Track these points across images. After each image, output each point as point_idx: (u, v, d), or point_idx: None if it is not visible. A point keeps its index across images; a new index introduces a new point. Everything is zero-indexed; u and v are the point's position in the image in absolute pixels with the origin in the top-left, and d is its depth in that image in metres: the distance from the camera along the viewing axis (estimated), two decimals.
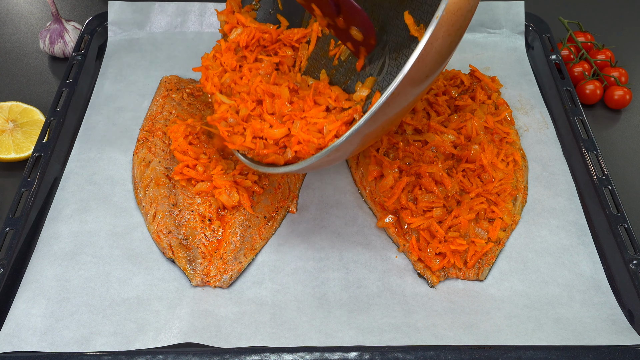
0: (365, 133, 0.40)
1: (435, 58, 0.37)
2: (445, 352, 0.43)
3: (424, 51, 0.36)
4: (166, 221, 0.50)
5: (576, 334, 0.45)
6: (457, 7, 0.36)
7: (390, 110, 0.39)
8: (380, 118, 0.39)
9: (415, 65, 0.36)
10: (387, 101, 0.38)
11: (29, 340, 0.44)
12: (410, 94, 0.39)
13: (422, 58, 0.36)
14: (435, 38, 0.36)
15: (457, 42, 0.39)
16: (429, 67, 0.38)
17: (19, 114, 0.61)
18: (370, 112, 0.38)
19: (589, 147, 0.57)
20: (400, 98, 0.39)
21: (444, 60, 0.39)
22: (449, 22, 0.36)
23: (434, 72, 0.39)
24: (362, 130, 0.39)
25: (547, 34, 0.69)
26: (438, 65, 0.39)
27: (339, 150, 0.41)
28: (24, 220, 0.51)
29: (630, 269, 0.48)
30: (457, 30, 0.37)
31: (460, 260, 0.49)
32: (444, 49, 0.37)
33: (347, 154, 0.43)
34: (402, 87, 0.37)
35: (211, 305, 0.46)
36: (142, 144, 0.57)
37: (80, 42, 0.67)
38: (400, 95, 0.38)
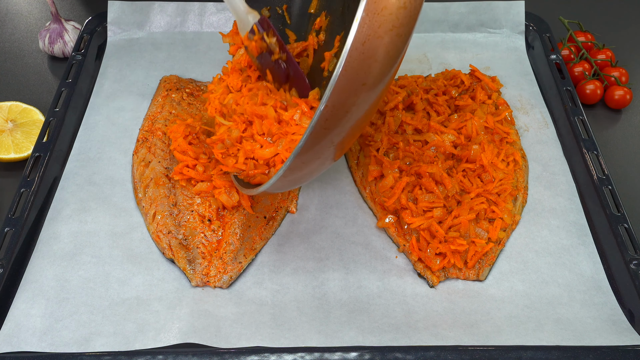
0: (313, 149, 0.37)
1: (370, 55, 0.33)
2: (446, 352, 0.43)
3: (353, 45, 0.33)
4: (166, 221, 0.50)
5: (576, 334, 0.45)
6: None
7: (331, 124, 0.36)
8: (320, 136, 0.36)
9: (348, 61, 0.33)
10: (317, 126, 0.35)
11: (29, 341, 0.43)
12: (352, 105, 0.36)
13: (355, 46, 0.33)
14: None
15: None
16: (364, 70, 0.34)
17: (18, 114, 0.61)
18: (305, 136, 0.36)
19: (589, 147, 0.57)
20: (331, 122, 0.35)
21: (390, 62, 0.35)
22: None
23: (376, 68, 0.34)
24: (305, 149, 0.37)
25: (547, 34, 0.69)
26: (380, 63, 0.34)
27: (290, 173, 0.39)
28: (24, 220, 0.51)
29: (631, 269, 0.48)
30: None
31: (460, 260, 0.49)
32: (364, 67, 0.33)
33: (316, 168, 0.40)
34: (327, 112, 0.34)
35: (211, 305, 0.46)
36: (141, 144, 0.57)
37: (79, 42, 0.67)
38: (329, 121, 0.35)
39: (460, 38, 0.70)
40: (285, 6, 0.56)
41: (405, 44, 0.36)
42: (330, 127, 0.36)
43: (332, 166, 0.58)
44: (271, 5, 0.56)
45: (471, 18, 0.70)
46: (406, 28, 0.35)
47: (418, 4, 0.35)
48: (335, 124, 0.36)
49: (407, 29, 0.35)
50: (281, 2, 0.56)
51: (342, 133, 0.37)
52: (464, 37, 0.70)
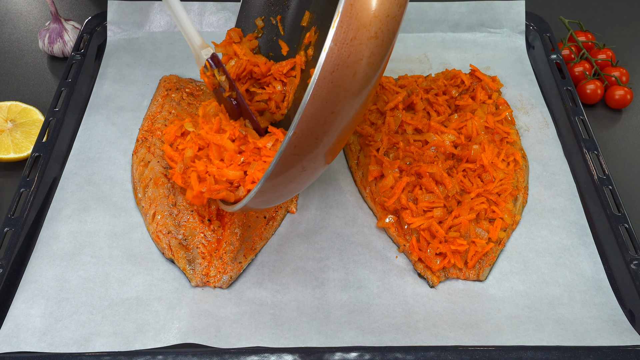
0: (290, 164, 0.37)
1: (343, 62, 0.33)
2: (446, 352, 0.43)
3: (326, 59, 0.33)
4: (165, 221, 0.50)
5: (577, 335, 0.45)
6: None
7: (299, 151, 0.35)
8: (289, 159, 0.36)
9: (328, 56, 0.33)
10: (286, 151, 0.35)
11: (28, 341, 0.43)
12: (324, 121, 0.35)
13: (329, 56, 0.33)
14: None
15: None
16: (333, 99, 0.34)
17: (18, 114, 0.61)
18: (276, 158, 0.35)
19: (589, 147, 0.57)
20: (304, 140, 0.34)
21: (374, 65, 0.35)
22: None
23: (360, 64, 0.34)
24: (275, 173, 0.37)
25: (547, 34, 0.69)
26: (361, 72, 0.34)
27: (262, 194, 0.39)
28: (23, 220, 0.51)
29: (631, 269, 0.48)
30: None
31: (460, 260, 0.49)
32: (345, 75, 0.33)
33: (294, 186, 0.40)
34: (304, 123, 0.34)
35: (211, 305, 0.46)
36: (141, 144, 0.57)
37: (79, 42, 0.67)
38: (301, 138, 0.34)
39: (461, 38, 0.70)
40: (280, 17, 0.56)
41: (377, 72, 0.36)
42: (301, 154, 0.36)
43: (332, 166, 0.57)
44: (265, 16, 0.57)
45: (471, 18, 0.70)
46: (378, 57, 0.35)
47: (391, 33, 0.35)
48: (305, 151, 0.36)
49: (379, 57, 0.35)
50: (275, 13, 0.56)
51: (314, 158, 0.37)
52: (465, 36, 0.70)
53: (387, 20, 0.34)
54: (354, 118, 0.37)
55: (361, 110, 0.37)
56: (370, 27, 0.33)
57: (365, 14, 0.33)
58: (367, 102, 0.37)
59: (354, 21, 0.33)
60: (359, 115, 0.38)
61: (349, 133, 0.39)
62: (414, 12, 0.70)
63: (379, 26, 0.34)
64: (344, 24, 0.33)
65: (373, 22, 0.33)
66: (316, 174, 0.40)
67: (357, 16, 0.33)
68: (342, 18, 0.33)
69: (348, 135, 0.39)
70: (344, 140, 0.39)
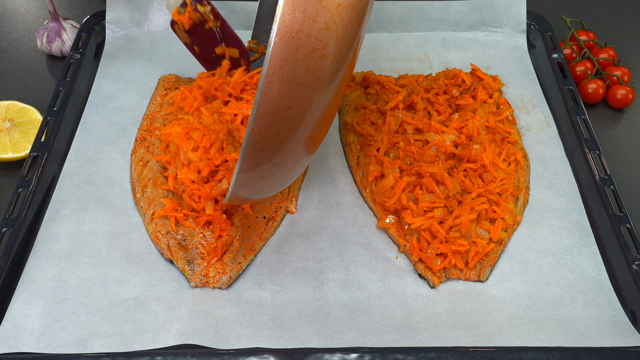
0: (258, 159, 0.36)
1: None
2: (446, 353, 0.42)
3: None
4: (165, 221, 0.50)
5: (578, 336, 0.44)
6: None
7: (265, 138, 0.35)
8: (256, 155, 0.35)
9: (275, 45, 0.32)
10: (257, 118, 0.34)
11: (26, 342, 0.43)
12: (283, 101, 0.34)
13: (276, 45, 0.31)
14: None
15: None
16: (287, 94, 0.33)
17: (16, 113, 0.61)
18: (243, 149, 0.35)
19: (591, 146, 0.57)
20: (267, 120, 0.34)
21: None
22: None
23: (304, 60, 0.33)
24: (244, 169, 0.36)
25: (549, 33, 0.69)
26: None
27: (239, 189, 0.39)
28: (21, 221, 0.50)
29: (633, 270, 0.48)
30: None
31: (461, 260, 0.49)
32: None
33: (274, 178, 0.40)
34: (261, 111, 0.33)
35: (210, 306, 0.46)
36: (140, 144, 0.57)
37: (78, 41, 0.66)
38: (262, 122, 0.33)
39: (462, 37, 0.69)
40: None
41: (339, 64, 0.34)
42: (265, 149, 0.36)
43: (332, 166, 0.57)
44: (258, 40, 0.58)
45: (472, 17, 0.69)
46: (334, 48, 0.33)
47: (349, 23, 0.33)
48: (269, 146, 0.36)
49: (336, 49, 0.34)
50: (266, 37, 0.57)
51: (281, 153, 0.37)
52: (465, 35, 0.70)
53: (338, 10, 0.32)
54: (321, 111, 0.36)
55: (331, 102, 0.36)
56: (318, 19, 0.32)
57: (311, 5, 0.31)
58: (337, 94, 0.36)
59: (298, 14, 0.31)
60: (330, 107, 0.37)
61: (323, 125, 0.38)
62: (414, 11, 0.69)
63: (329, 17, 0.32)
64: (287, 17, 0.31)
65: (321, 13, 0.32)
66: (294, 167, 0.39)
67: (300, 8, 0.31)
68: (284, 11, 0.31)
69: (322, 127, 0.38)
70: (319, 132, 0.38)
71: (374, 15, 0.69)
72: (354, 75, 0.63)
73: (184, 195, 0.50)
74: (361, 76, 0.63)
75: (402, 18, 0.69)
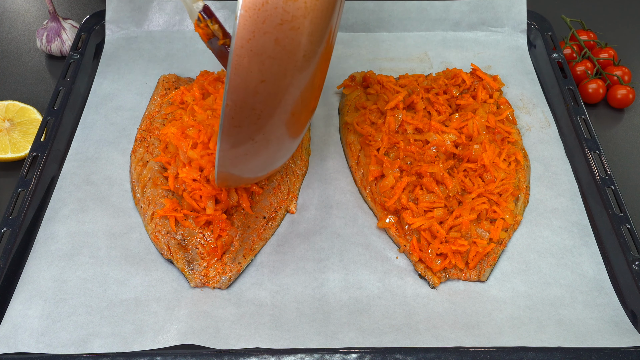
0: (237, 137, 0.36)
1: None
2: (447, 353, 0.42)
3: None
4: (164, 221, 0.50)
5: (579, 336, 0.44)
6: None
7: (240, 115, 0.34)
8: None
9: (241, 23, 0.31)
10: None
11: (26, 342, 0.43)
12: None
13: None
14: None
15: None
16: (258, 67, 0.32)
17: (15, 113, 0.61)
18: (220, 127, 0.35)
19: (591, 146, 0.57)
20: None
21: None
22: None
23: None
24: (225, 146, 0.36)
25: (549, 32, 0.68)
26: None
27: (225, 168, 0.39)
28: (21, 221, 0.50)
29: (634, 270, 0.48)
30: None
31: (461, 261, 0.49)
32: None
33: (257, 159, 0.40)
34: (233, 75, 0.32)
35: (210, 306, 0.46)
36: (139, 144, 0.57)
37: (77, 41, 0.66)
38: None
39: (462, 37, 0.69)
40: None
41: (312, 37, 0.33)
42: (242, 125, 0.35)
43: (332, 166, 0.57)
44: None
45: (472, 16, 0.69)
46: (303, 20, 0.33)
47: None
48: (246, 122, 0.35)
49: (307, 21, 0.33)
50: None
51: (261, 130, 0.36)
52: (465, 35, 0.69)
53: None
54: (298, 87, 0.35)
55: (310, 81, 0.35)
56: None
57: None
58: (315, 72, 0.35)
59: None
60: (310, 86, 0.36)
61: (303, 104, 0.37)
62: (414, 11, 0.69)
63: None
64: None
65: None
66: (278, 147, 0.39)
67: None
68: None
69: (302, 106, 0.37)
70: (300, 111, 0.38)
71: (374, 15, 0.69)
72: (354, 75, 0.63)
73: (184, 194, 0.50)
74: (361, 76, 0.63)
75: (402, 18, 0.69)
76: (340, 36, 0.70)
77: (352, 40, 0.69)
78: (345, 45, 0.69)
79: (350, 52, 0.68)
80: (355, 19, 0.69)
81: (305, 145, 0.58)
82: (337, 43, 0.69)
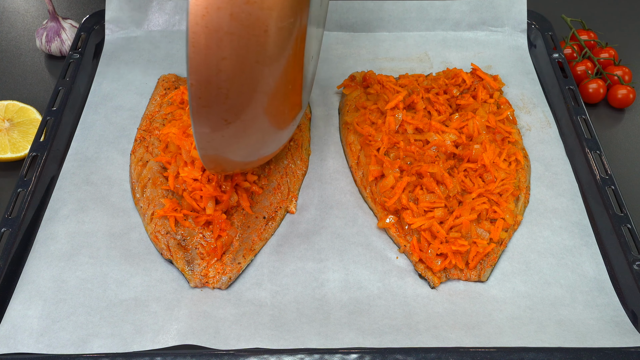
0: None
1: None
2: (447, 354, 0.42)
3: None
4: (164, 221, 0.50)
5: (579, 336, 0.44)
6: None
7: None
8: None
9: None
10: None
11: (26, 342, 0.43)
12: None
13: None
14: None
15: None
16: (216, 44, 0.31)
17: (15, 113, 0.61)
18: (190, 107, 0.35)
19: (592, 146, 0.57)
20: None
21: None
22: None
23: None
24: (197, 125, 0.36)
25: (549, 32, 0.68)
26: None
27: (205, 152, 0.38)
28: (20, 221, 0.50)
29: (634, 270, 0.47)
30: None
31: (461, 261, 0.49)
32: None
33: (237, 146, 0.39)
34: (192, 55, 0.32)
35: (210, 306, 0.46)
36: (139, 144, 0.57)
37: (77, 41, 0.66)
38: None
39: (462, 36, 0.69)
40: None
41: (270, 11, 0.32)
42: (210, 105, 0.35)
43: (332, 166, 0.57)
44: None
45: (473, 16, 0.69)
46: None
47: None
48: (214, 102, 0.35)
49: None
50: None
51: (231, 110, 0.36)
52: (466, 35, 0.69)
53: None
54: (266, 65, 0.34)
55: (280, 58, 0.34)
56: None
57: None
58: (287, 51, 0.34)
59: None
60: (285, 65, 0.35)
61: (281, 88, 0.36)
62: (414, 11, 0.69)
63: None
64: None
65: None
66: (256, 130, 0.38)
67: None
68: None
69: (280, 91, 0.36)
70: (278, 97, 0.37)
71: (374, 15, 0.69)
72: (354, 75, 0.63)
73: (184, 194, 0.50)
74: (361, 76, 0.63)
75: (403, 17, 0.69)
76: (340, 36, 0.70)
77: (352, 40, 0.69)
78: (345, 45, 0.69)
79: (350, 52, 0.68)
80: (355, 18, 0.69)
81: (305, 145, 0.58)
82: (337, 43, 0.69)
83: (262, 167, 0.55)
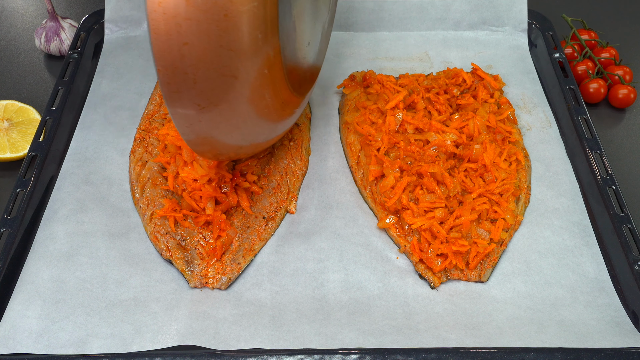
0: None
1: None
2: (447, 354, 0.42)
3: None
4: (164, 222, 0.50)
5: (580, 336, 0.44)
6: None
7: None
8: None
9: None
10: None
11: (25, 342, 0.43)
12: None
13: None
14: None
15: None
16: (177, 30, 0.32)
17: (14, 113, 0.61)
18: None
19: (592, 146, 0.57)
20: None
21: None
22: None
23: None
24: (172, 111, 0.36)
25: (550, 32, 0.68)
26: None
27: (186, 136, 0.39)
28: (20, 221, 0.50)
29: (635, 270, 0.47)
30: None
31: (462, 261, 0.48)
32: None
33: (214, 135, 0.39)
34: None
35: (209, 307, 0.46)
36: (138, 144, 0.57)
37: (76, 40, 0.66)
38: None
39: (462, 36, 0.69)
40: None
41: None
42: (181, 90, 0.35)
43: (332, 166, 0.57)
44: None
45: (473, 16, 0.69)
46: None
47: None
48: (183, 87, 0.35)
49: None
50: None
51: (202, 95, 0.36)
52: (466, 35, 0.69)
53: None
54: (236, 51, 0.34)
55: (247, 44, 0.34)
56: None
57: None
58: (247, 36, 0.34)
59: None
60: (250, 52, 0.35)
61: (258, 77, 0.36)
62: (415, 10, 0.69)
63: None
64: None
65: None
66: (240, 118, 0.38)
67: None
68: None
69: (249, 74, 0.36)
70: (249, 80, 0.36)
71: (374, 14, 0.69)
72: (354, 74, 0.63)
73: (184, 194, 0.50)
74: (361, 75, 0.62)
75: (403, 17, 0.69)
76: (340, 36, 0.69)
77: (352, 39, 0.69)
78: (345, 45, 0.68)
79: (351, 52, 0.68)
80: (355, 18, 0.69)
81: (305, 145, 0.58)
82: (337, 43, 0.69)
83: (262, 167, 0.54)
